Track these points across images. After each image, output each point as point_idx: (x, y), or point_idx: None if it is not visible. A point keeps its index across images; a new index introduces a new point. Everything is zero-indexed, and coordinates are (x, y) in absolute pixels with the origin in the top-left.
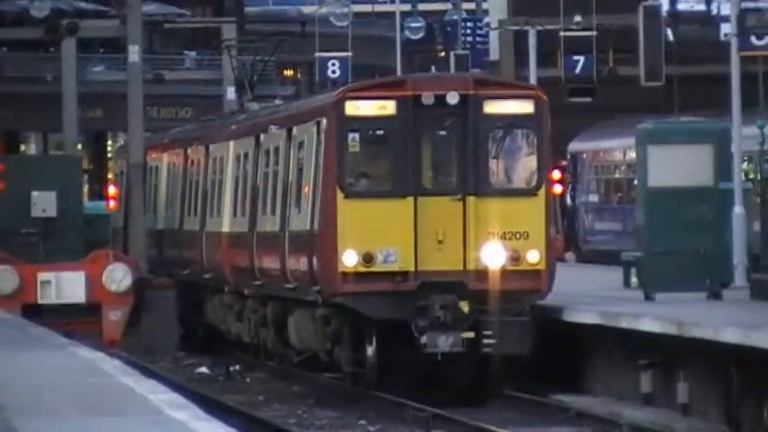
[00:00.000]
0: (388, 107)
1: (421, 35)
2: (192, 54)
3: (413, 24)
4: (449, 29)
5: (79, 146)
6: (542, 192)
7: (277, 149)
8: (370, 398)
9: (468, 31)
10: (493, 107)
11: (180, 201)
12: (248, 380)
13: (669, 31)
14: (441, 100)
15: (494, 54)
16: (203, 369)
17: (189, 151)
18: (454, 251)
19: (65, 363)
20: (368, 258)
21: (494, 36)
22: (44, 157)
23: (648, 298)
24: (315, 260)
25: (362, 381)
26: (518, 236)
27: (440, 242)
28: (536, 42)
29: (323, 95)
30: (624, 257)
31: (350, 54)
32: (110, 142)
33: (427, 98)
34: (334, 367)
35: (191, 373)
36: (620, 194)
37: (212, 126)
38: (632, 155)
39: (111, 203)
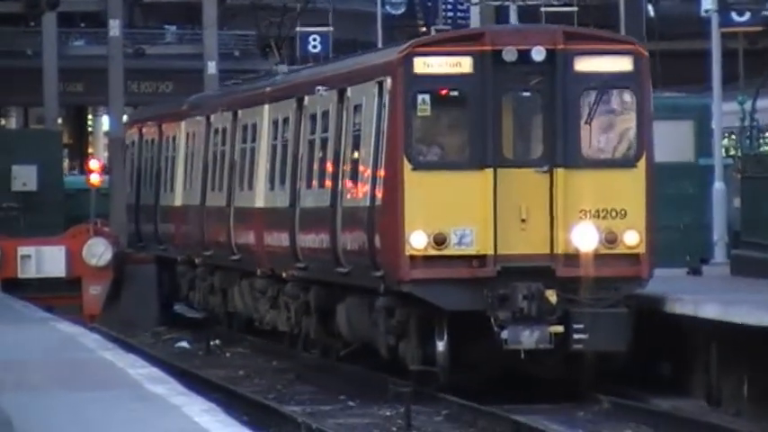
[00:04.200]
0: (463, 64)
1: (402, 10)
2: (173, 29)
3: None
4: (429, 4)
5: (59, 120)
6: (642, 163)
7: (326, 114)
8: (350, 373)
9: (449, 7)
10: (585, 64)
11: (201, 174)
12: (228, 355)
13: (650, 7)
14: (525, 56)
15: None
16: (183, 344)
17: (212, 118)
18: (539, 232)
19: (45, 337)
20: (440, 240)
21: (474, 11)
22: (24, 131)
23: None
24: (376, 241)
25: (431, 380)
26: (614, 214)
27: (523, 221)
28: (517, 17)
29: (385, 50)
30: None
31: (331, 29)
32: (90, 117)
33: (509, 54)
34: (397, 364)
35: (171, 348)
36: None
37: (240, 90)
38: None
39: (97, 177)
